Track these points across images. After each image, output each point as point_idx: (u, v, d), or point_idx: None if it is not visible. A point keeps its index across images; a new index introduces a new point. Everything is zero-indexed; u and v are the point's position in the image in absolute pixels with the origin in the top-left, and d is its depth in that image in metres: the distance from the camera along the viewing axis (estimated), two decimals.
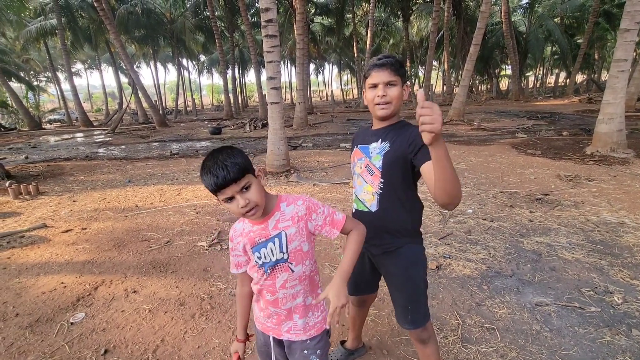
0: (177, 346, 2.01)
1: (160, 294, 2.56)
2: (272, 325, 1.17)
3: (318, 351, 1.16)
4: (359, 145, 1.42)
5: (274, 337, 1.18)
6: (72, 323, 2.26)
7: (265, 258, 1.08)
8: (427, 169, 1.15)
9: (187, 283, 2.71)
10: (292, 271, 1.09)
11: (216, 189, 0.96)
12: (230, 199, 0.98)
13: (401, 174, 1.29)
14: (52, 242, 3.60)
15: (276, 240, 1.06)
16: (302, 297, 1.13)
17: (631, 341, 1.88)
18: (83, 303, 2.49)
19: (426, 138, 0.91)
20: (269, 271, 1.09)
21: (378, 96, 1.27)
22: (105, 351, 1.99)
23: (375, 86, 1.28)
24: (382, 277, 1.59)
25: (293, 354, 1.18)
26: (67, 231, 3.88)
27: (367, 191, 1.37)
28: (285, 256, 1.07)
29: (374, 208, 1.35)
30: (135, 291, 2.62)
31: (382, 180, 1.31)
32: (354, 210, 1.45)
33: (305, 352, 1.15)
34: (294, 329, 1.14)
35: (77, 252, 3.34)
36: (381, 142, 1.32)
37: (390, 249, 1.37)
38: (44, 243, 3.59)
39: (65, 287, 2.71)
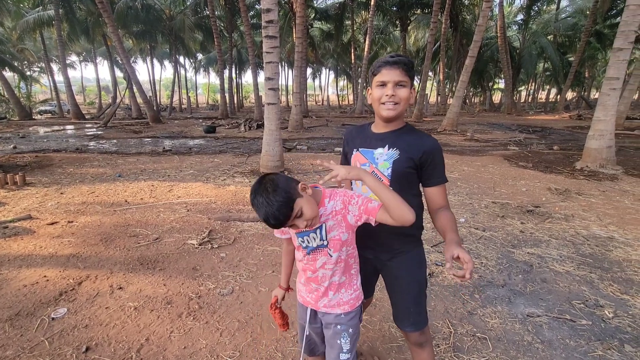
0: (163, 346, 1.95)
1: (147, 292, 2.49)
2: (311, 300, 1.30)
3: (350, 330, 1.26)
4: (360, 149, 1.35)
5: (311, 310, 1.31)
6: (53, 318, 2.17)
7: (307, 242, 1.22)
8: (428, 192, 1.30)
9: (175, 281, 2.64)
10: (331, 256, 1.21)
11: (277, 227, 1.12)
12: (291, 225, 1.11)
13: (410, 182, 1.29)
14: (37, 234, 3.49)
15: (317, 231, 1.18)
16: (338, 276, 1.25)
17: (624, 357, 1.88)
18: (66, 298, 2.40)
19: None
20: (310, 254, 1.23)
21: (386, 95, 1.21)
22: (87, 349, 1.91)
23: (384, 84, 1.22)
24: (377, 281, 1.57)
25: (328, 328, 1.30)
26: (52, 224, 3.77)
27: (374, 199, 1.33)
28: (325, 243, 1.20)
29: None
30: (121, 288, 2.54)
31: (391, 187, 1.28)
32: None
33: (339, 327, 1.26)
34: (328, 304, 1.27)
35: (62, 246, 3.24)
36: (389, 149, 1.28)
37: (397, 254, 1.37)
38: (28, 235, 3.48)
39: (47, 280, 2.62)
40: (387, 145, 1.28)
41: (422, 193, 1.38)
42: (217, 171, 6.47)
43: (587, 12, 21.94)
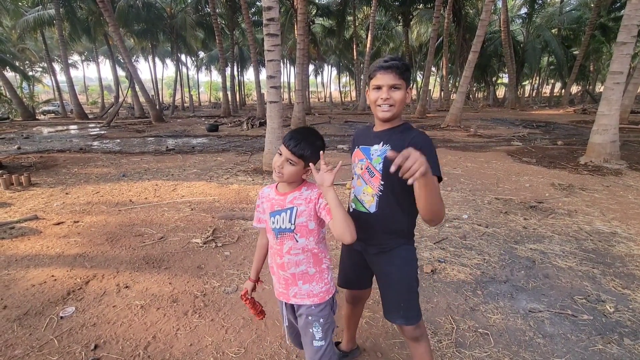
0: (169, 343, 1.99)
1: (153, 290, 2.53)
2: (282, 290, 1.37)
3: (321, 320, 1.33)
4: (360, 146, 1.42)
5: (285, 302, 1.40)
6: (61, 317, 2.22)
7: (276, 224, 1.30)
8: (416, 185, 1.23)
9: (180, 280, 2.68)
10: (297, 241, 1.29)
11: (284, 146, 1.25)
12: (280, 156, 1.26)
13: (401, 178, 1.29)
14: (43, 235, 3.54)
15: (288, 212, 1.28)
16: (305, 266, 1.32)
17: (623, 350, 1.89)
18: (73, 297, 2.45)
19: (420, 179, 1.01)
20: (278, 236, 1.31)
21: (381, 98, 1.28)
22: (95, 346, 1.95)
23: (379, 88, 1.29)
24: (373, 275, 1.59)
25: (300, 319, 1.37)
26: (58, 224, 3.83)
27: (366, 192, 1.38)
28: (292, 227, 1.28)
29: (372, 209, 1.36)
30: (127, 286, 2.58)
31: (383, 182, 1.33)
32: (351, 210, 1.46)
33: (310, 317, 1.33)
34: (299, 293, 1.34)
35: (68, 245, 3.28)
36: (383, 145, 1.33)
37: (386, 249, 1.40)
38: (35, 235, 3.53)
39: (55, 280, 2.67)
40: (381, 142, 1.34)
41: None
42: (221, 170, 6.51)
43: (592, 5, 21.68)
